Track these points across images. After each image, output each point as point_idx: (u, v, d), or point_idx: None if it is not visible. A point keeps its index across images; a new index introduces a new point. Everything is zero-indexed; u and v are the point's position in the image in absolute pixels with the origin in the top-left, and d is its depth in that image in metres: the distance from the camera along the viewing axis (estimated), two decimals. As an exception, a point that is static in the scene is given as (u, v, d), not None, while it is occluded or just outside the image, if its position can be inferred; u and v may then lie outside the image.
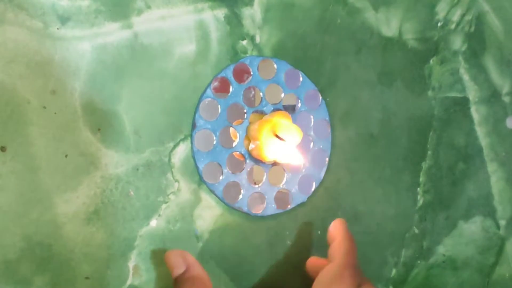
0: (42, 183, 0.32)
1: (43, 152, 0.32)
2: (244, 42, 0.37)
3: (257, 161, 0.36)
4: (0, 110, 0.31)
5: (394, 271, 0.42)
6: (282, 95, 0.37)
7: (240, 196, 0.36)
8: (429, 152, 0.43)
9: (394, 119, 0.41)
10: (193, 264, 0.33)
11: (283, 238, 0.39)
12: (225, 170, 0.35)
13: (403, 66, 0.41)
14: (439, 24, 0.42)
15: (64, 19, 0.32)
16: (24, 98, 0.32)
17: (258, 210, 0.37)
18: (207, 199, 0.36)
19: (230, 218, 0.37)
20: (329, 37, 0.39)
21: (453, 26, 0.43)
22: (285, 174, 0.37)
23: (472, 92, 0.44)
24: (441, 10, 0.42)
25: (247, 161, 0.36)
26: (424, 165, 0.43)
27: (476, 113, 0.44)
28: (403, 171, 0.42)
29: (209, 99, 0.35)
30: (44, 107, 0.32)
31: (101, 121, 0.33)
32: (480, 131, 0.44)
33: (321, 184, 0.38)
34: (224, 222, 0.37)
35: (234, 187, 0.36)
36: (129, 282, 0.34)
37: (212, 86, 0.35)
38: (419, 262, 0.43)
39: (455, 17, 0.42)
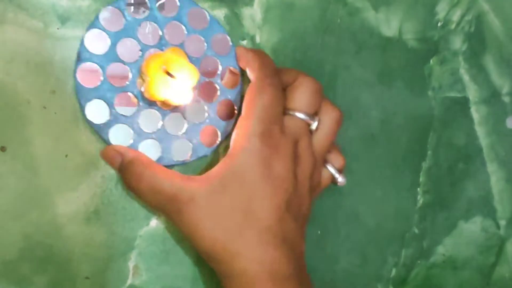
0: (42, 183, 0.32)
1: (43, 152, 0.32)
2: (244, 42, 0.37)
3: (153, 104, 0.33)
4: (0, 110, 0.31)
5: (394, 271, 0.42)
6: (185, 35, 0.34)
7: (131, 141, 0.33)
8: (429, 152, 0.43)
9: (394, 119, 0.41)
10: (125, 151, 0.32)
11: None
12: (113, 111, 0.32)
13: (403, 66, 0.41)
14: (439, 24, 0.42)
15: (64, 19, 0.32)
16: (24, 98, 0.32)
17: (153, 158, 0.33)
18: (207, 199, 0.36)
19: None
20: (329, 37, 0.39)
21: (453, 26, 0.43)
22: (185, 123, 0.34)
23: (472, 92, 0.44)
24: (441, 10, 0.42)
25: (140, 103, 0.33)
26: (424, 165, 0.43)
27: (476, 113, 0.44)
28: (403, 171, 0.42)
29: (97, 30, 0.32)
30: (44, 107, 0.32)
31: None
32: (480, 131, 0.44)
33: (227, 138, 0.35)
34: (224, 222, 0.37)
35: (123, 131, 0.33)
36: (129, 282, 0.34)
37: (101, 16, 0.32)
38: (419, 262, 0.43)
39: (455, 17, 0.42)
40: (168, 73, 0.31)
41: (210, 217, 0.30)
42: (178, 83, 0.31)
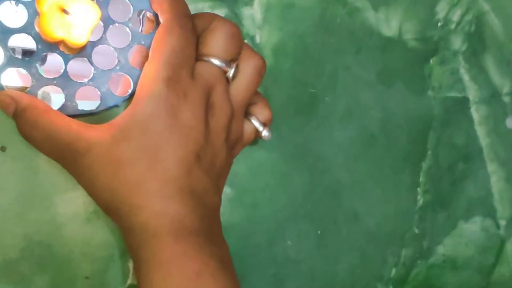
0: (42, 183, 0.32)
1: (43, 152, 0.32)
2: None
3: (54, 48, 0.30)
4: (0, 110, 0.31)
5: (394, 271, 0.42)
6: None
7: (28, 88, 0.30)
8: (429, 152, 0.43)
9: (394, 119, 0.41)
10: (20, 97, 0.29)
11: (284, 238, 0.39)
12: (7, 53, 0.29)
13: (403, 66, 0.41)
14: (439, 24, 0.42)
15: (64, 19, 0.32)
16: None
17: (54, 106, 0.31)
18: (207, 199, 0.36)
19: (230, 218, 0.37)
20: (329, 37, 0.39)
21: (453, 26, 0.43)
22: (92, 69, 0.31)
23: (472, 92, 0.44)
24: (441, 10, 0.42)
25: (39, 46, 0.30)
26: (424, 165, 0.43)
27: (476, 113, 0.44)
28: (403, 171, 0.42)
29: None
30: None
31: (100, 120, 0.33)
32: (480, 131, 0.44)
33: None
34: (224, 222, 0.37)
35: (21, 76, 0.31)
36: (129, 282, 0.34)
37: None
38: (419, 262, 0.43)
39: (455, 17, 0.42)
40: (63, 10, 0.28)
41: (109, 168, 0.28)
42: (74, 20, 0.29)
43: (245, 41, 0.37)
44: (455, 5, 0.42)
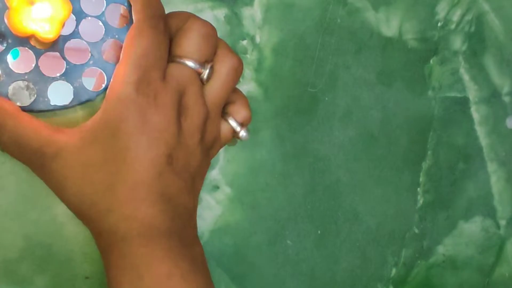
0: (42, 183, 0.32)
1: (43, 152, 0.32)
2: (244, 42, 0.37)
3: (25, 42, 0.30)
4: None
5: (394, 271, 0.42)
6: None
7: None
8: (429, 152, 0.43)
9: (394, 119, 0.41)
10: None
11: (284, 238, 0.39)
12: None
13: (403, 66, 0.41)
14: (439, 24, 0.42)
15: (64, 19, 0.32)
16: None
17: (24, 103, 0.30)
18: (207, 199, 0.36)
19: (230, 218, 0.37)
20: (329, 37, 0.39)
21: (453, 26, 0.43)
22: (64, 64, 0.31)
23: (472, 92, 0.44)
24: (441, 10, 0.42)
25: (10, 40, 0.30)
26: (424, 165, 0.43)
27: (476, 113, 0.44)
28: (403, 171, 0.42)
29: None
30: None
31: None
32: (480, 131, 0.44)
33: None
34: (224, 222, 0.37)
35: None
36: (129, 282, 0.34)
37: None
38: (419, 262, 0.43)
39: (455, 17, 0.42)
40: (32, 2, 0.28)
41: (78, 172, 0.28)
42: (44, 13, 0.28)
43: (245, 41, 0.37)
44: (455, 5, 0.42)
